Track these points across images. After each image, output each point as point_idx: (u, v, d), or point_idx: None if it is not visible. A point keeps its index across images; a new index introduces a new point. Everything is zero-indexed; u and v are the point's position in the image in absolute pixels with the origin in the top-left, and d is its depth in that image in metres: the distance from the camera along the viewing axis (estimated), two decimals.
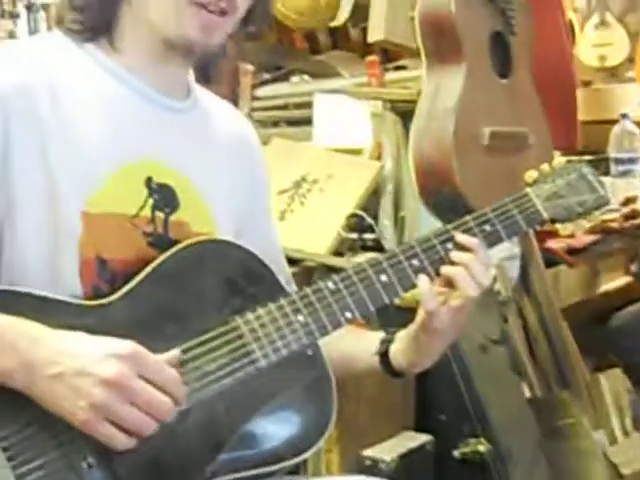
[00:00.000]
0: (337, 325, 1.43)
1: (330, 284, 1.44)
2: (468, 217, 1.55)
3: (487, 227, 1.55)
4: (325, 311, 1.42)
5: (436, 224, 2.51)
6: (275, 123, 3.13)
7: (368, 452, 2.24)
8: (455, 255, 1.50)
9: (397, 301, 1.53)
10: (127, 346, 1.25)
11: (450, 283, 1.49)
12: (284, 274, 1.63)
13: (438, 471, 2.35)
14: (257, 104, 3.13)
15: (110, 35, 1.45)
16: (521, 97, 2.57)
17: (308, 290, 1.43)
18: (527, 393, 2.72)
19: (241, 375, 1.35)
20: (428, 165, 2.37)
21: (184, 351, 1.34)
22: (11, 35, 6.43)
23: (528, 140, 2.53)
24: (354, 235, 2.63)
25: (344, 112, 2.85)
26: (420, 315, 1.50)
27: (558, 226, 1.66)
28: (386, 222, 2.71)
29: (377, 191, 2.75)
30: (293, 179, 2.82)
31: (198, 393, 1.33)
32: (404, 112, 2.73)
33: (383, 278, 1.47)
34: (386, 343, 1.57)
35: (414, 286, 1.49)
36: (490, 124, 2.43)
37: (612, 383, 2.84)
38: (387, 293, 1.47)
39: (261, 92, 3.14)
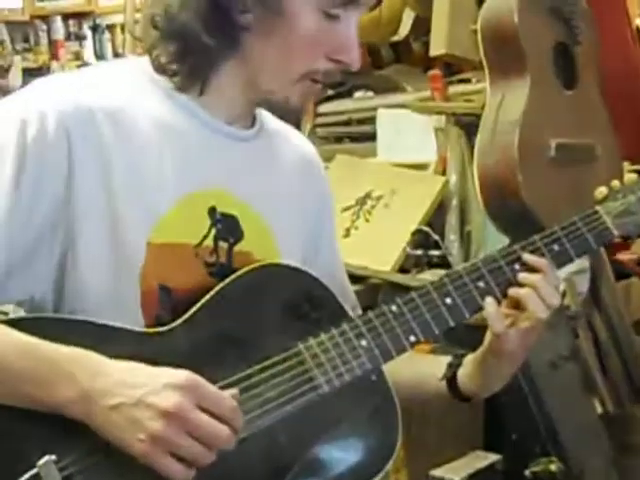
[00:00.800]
0: (401, 349, 1.41)
1: (394, 308, 1.42)
2: (536, 236, 1.52)
3: (556, 246, 1.51)
4: (389, 335, 1.40)
5: (503, 239, 2.48)
6: (338, 139, 3.12)
7: (436, 472, 2.21)
8: (523, 277, 1.47)
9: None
10: (185, 376, 1.24)
11: (518, 305, 1.46)
12: (350, 300, 1.61)
13: None
14: (320, 120, 3.12)
15: (198, 85, 1.43)
16: (587, 108, 2.52)
17: (371, 314, 1.41)
18: (599, 409, 2.66)
19: (303, 401, 1.33)
20: (493, 179, 2.33)
21: (245, 377, 1.32)
22: (77, 56, 6.54)
23: (595, 152, 2.48)
24: (420, 251, 2.61)
25: (408, 127, 2.83)
26: (488, 338, 1.47)
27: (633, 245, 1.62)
28: (452, 237, 2.68)
29: (442, 206, 2.72)
30: (357, 196, 2.80)
31: (259, 420, 1.31)
32: (468, 126, 2.70)
33: (448, 301, 1.44)
34: (454, 367, 1.54)
35: (480, 309, 1.46)
36: (556, 136, 2.38)
37: None
38: (452, 316, 1.44)
39: (324, 108, 3.12)
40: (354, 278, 2.54)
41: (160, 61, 1.41)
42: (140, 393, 1.22)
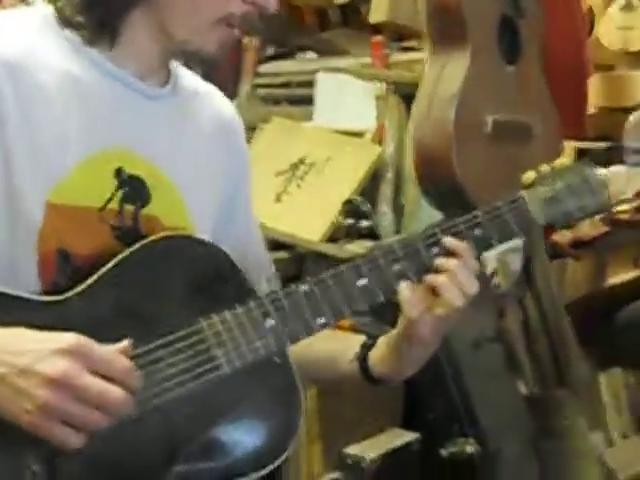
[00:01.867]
0: (309, 331, 1.35)
1: (304, 287, 1.35)
2: (458, 219, 1.47)
3: (477, 231, 1.46)
4: (297, 316, 1.34)
5: (436, 214, 2.44)
6: (277, 101, 3.05)
7: (350, 450, 2.17)
8: (440, 262, 1.41)
9: None
10: (71, 339, 1.17)
11: (434, 290, 1.41)
12: (266, 270, 1.55)
13: (424, 470, 2.28)
14: (259, 80, 3.05)
15: (107, 37, 1.36)
16: (528, 85, 2.47)
17: (280, 293, 1.34)
18: (523, 390, 2.64)
19: (202, 381, 1.27)
20: (427, 154, 2.28)
21: (144, 353, 1.26)
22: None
23: (533, 130, 2.44)
24: (350, 221, 2.55)
25: (347, 93, 2.76)
26: (401, 322, 1.41)
27: (556, 235, 1.58)
28: (385, 209, 2.63)
29: (377, 176, 2.66)
30: (291, 160, 2.75)
31: (155, 399, 1.25)
32: (409, 95, 2.64)
33: (361, 283, 1.38)
34: (366, 349, 1.48)
35: (395, 292, 1.41)
36: (494, 113, 2.34)
37: (612, 383, 2.75)
38: (365, 299, 1.39)
39: (264, 68, 3.05)
40: (281, 246, 2.50)
41: (65, 13, 1.33)
42: (25, 361, 1.15)
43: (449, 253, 1.41)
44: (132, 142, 1.37)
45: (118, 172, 1.36)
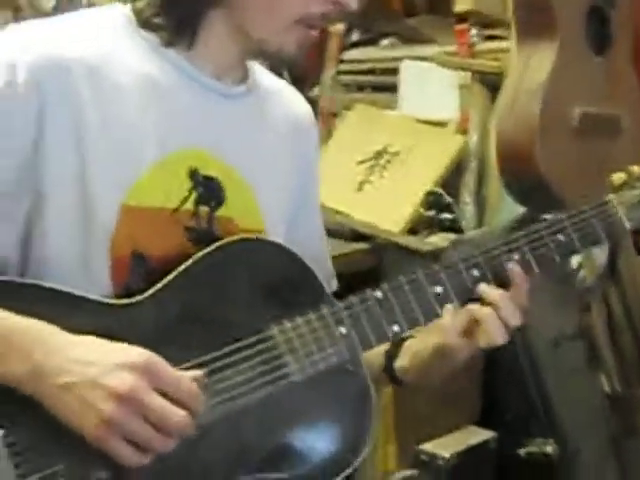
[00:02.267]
0: (383, 339, 1.33)
1: (378, 293, 1.33)
2: (541, 225, 1.43)
3: (561, 237, 1.42)
4: (370, 323, 1.32)
5: (519, 207, 2.39)
6: (361, 88, 3.02)
7: (426, 446, 2.15)
8: (485, 291, 1.37)
9: None
10: (142, 355, 1.17)
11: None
12: (326, 269, 1.54)
13: (500, 469, 2.25)
14: (344, 67, 3.02)
15: (186, 38, 1.34)
16: (616, 76, 2.40)
17: (353, 299, 1.32)
18: (606, 388, 2.58)
19: (272, 389, 1.26)
20: (510, 147, 2.23)
21: (212, 360, 1.25)
22: None
23: (621, 124, 2.37)
24: (432, 213, 2.52)
25: (431, 81, 2.72)
26: (436, 340, 1.37)
27: None
28: (467, 200, 2.59)
29: (460, 167, 2.62)
30: (374, 149, 2.72)
31: (224, 406, 1.24)
32: (494, 85, 2.59)
33: (438, 290, 1.36)
34: (389, 359, 1.44)
35: (472, 298, 1.37)
36: (581, 105, 2.27)
37: None
38: (442, 305, 1.36)
39: (348, 55, 3.02)
40: (360, 236, 2.48)
41: (144, 14, 1.32)
42: (93, 372, 1.15)
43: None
44: (208, 143, 1.36)
45: (193, 173, 1.35)
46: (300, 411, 1.29)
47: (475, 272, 1.37)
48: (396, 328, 1.33)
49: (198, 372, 1.20)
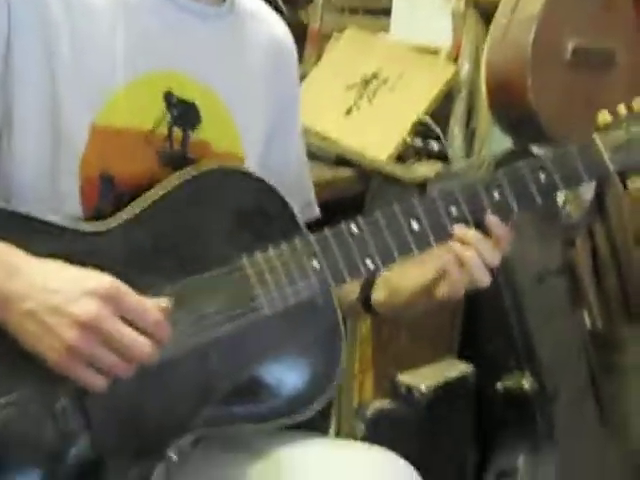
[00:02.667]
0: (355, 274, 1.30)
1: (353, 227, 1.30)
2: (521, 163, 1.40)
3: (542, 175, 1.39)
4: (344, 258, 1.29)
5: (509, 140, 2.35)
6: (354, 10, 2.95)
7: (404, 378, 2.14)
8: (462, 233, 1.34)
9: None
10: (107, 283, 1.14)
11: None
12: (305, 196, 1.52)
13: (478, 402, 2.24)
14: None
15: None
16: (614, 9, 2.33)
17: (327, 232, 1.29)
18: (588, 324, 2.57)
19: (242, 322, 1.24)
20: (501, 78, 2.18)
21: (181, 289, 1.22)
22: None
23: (615, 58, 2.31)
24: (420, 142, 2.47)
25: (424, 6, 2.65)
26: (427, 275, 1.35)
27: (628, 181, 1.49)
28: (456, 131, 2.54)
29: (450, 97, 2.57)
30: (364, 74, 2.66)
31: (191, 338, 1.22)
32: (488, 13, 2.52)
33: (414, 226, 1.33)
34: (365, 290, 1.43)
35: (450, 236, 1.34)
36: (575, 38, 2.22)
37: None
38: (417, 243, 1.33)
39: None
40: (346, 163, 2.44)
41: None
42: (57, 300, 1.13)
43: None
44: (183, 64, 1.33)
45: (167, 95, 1.31)
46: (269, 344, 1.27)
47: (453, 210, 1.34)
48: (370, 263, 1.30)
49: (164, 300, 1.18)
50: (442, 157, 2.48)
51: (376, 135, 2.51)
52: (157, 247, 1.24)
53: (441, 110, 2.58)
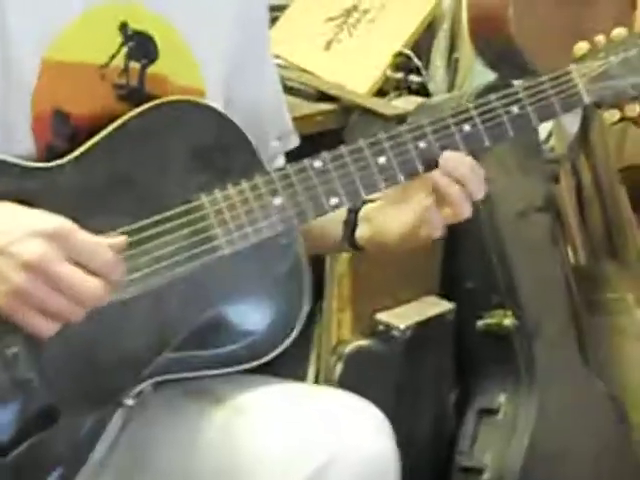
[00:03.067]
0: (320, 212, 1.26)
1: (317, 163, 1.26)
2: (492, 96, 1.35)
3: (515, 108, 1.34)
4: (307, 194, 1.24)
5: (493, 73, 2.30)
6: None
7: (382, 316, 2.10)
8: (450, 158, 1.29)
9: None
10: (55, 223, 1.09)
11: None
12: (281, 126, 1.47)
13: (458, 340, 2.21)
14: None
15: None
16: None
17: (290, 169, 1.25)
18: (571, 260, 2.53)
19: (199, 263, 1.19)
20: (482, 8, 2.12)
21: (137, 230, 1.18)
22: None
23: None
24: (400, 75, 2.41)
25: None
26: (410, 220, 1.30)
27: (605, 114, 1.44)
28: (438, 63, 2.49)
29: (432, 29, 2.50)
30: (344, 6, 2.59)
31: (147, 280, 1.17)
32: None
33: (381, 160, 1.28)
34: (350, 225, 1.39)
35: (417, 172, 1.30)
36: None
37: None
38: (384, 178, 1.28)
39: None
40: (327, 97, 2.38)
41: None
42: (3, 241, 1.08)
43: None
44: None
45: (123, 27, 1.26)
46: (229, 286, 1.23)
47: (422, 144, 1.29)
48: (335, 200, 1.26)
49: (117, 239, 1.13)
50: (424, 91, 2.43)
51: (356, 69, 2.46)
52: (111, 185, 1.20)
53: (423, 43, 2.52)
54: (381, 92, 2.45)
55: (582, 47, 1.44)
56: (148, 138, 1.23)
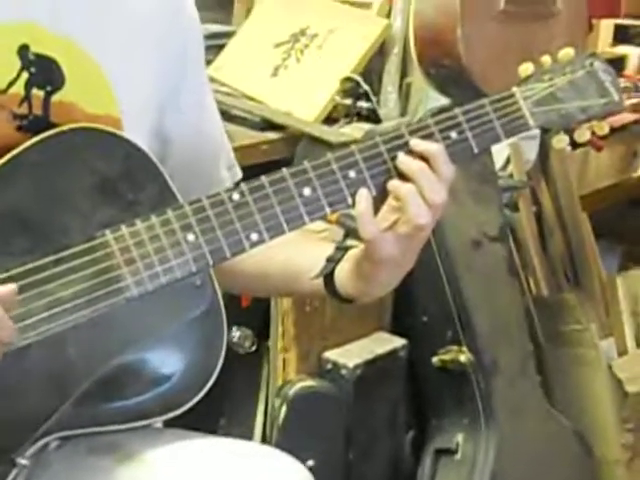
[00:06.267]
0: (238, 249, 1.14)
1: (235, 196, 1.15)
2: (430, 120, 1.25)
3: (454, 134, 1.24)
4: (224, 231, 1.13)
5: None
6: None
7: (330, 354, 2.00)
8: (404, 164, 1.20)
9: None
10: None
11: (397, 201, 1.20)
12: (224, 157, 1.38)
13: (412, 378, 2.11)
14: None
15: None
16: None
17: (205, 201, 1.14)
18: (532, 291, 2.45)
19: (104, 306, 1.08)
20: (429, 30, 2.04)
21: (34, 270, 1.07)
22: None
23: (554, 5, 2.16)
24: (348, 101, 2.32)
25: None
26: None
27: (553, 139, 1.34)
28: (389, 89, 2.40)
29: (383, 53, 2.42)
30: (292, 31, 2.50)
31: (45, 325, 1.06)
32: None
33: (306, 192, 1.18)
34: (333, 263, 1.27)
35: (346, 204, 1.20)
36: None
37: (631, 286, 2.53)
38: (309, 211, 1.18)
39: None
40: (274, 126, 2.29)
41: None
42: None
43: (418, 157, 1.21)
44: (42, 16, 1.17)
45: (22, 50, 1.15)
46: (137, 332, 1.11)
47: (352, 173, 1.19)
48: (255, 237, 1.15)
49: (4, 287, 1.02)
50: (375, 117, 2.34)
51: (304, 95, 2.37)
52: (7, 220, 1.09)
53: (374, 68, 2.43)
54: (331, 119, 2.36)
55: (527, 68, 1.34)
56: (46, 169, 1.11)
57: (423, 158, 1.20)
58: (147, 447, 1.16)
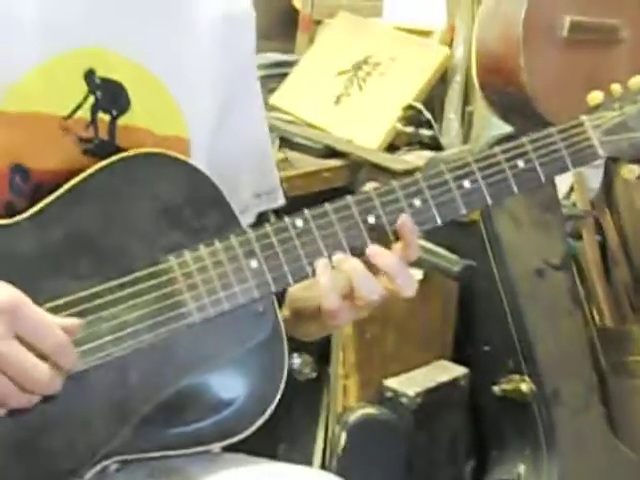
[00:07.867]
0: (300, 276, 1.14)
1: (299, 222, 1.15)
2: (497, 148, 1.23)
3: (520, 163, 1.22)
4: (287, 257, 1.13)
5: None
6: None
7: (391, 382, 1.98)
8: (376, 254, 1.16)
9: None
10: (5, 297, 0.98)
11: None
12: (265, 180, 1.37)
13: (473, 407, 2.09)
14: None
15: None
16: None
17: (269, 228, 1.13)
18: (597, 322, 2.42)
19: (166, 330, 1.08)
20: (492, 58, 2.03)
21: (98, 294, 1.07)
22: None
23: (619, 34, 2.15)
24: (410, 129, 2.32)
25: None
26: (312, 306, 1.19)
27: (622, 169, 1.32)
28: (451, 116, 2.40)
29: (445, 81, 2.42)
30: (354, 60, 2.52)
31: (108, 349, 1.06)
32: None
33: (370, 219, 1.17)
34: None
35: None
36: (572, 12, 2.05)
37: None
38: (372, 238, 1.17)
39: None
40: (335, 154, 2.30)
41: None
42: None
43: None
44: (109, 41, 1.18)
45: (88, 75, 1.16)
46: (197, 358, 1.11)
47: (417, 202, 1.19)
48: None
49: (71, 321, 1.02)
50: (437, 145, 2.34)
51: (366, 123, 2.38)
52: (71, 245, 1.09)
53: (437, 96, 2.44)
54: (393, 147, 2.36)
55: (596, 96, 1.32)
56: (112, 194, 1.12)
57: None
58: (206, 472, 1.16)
